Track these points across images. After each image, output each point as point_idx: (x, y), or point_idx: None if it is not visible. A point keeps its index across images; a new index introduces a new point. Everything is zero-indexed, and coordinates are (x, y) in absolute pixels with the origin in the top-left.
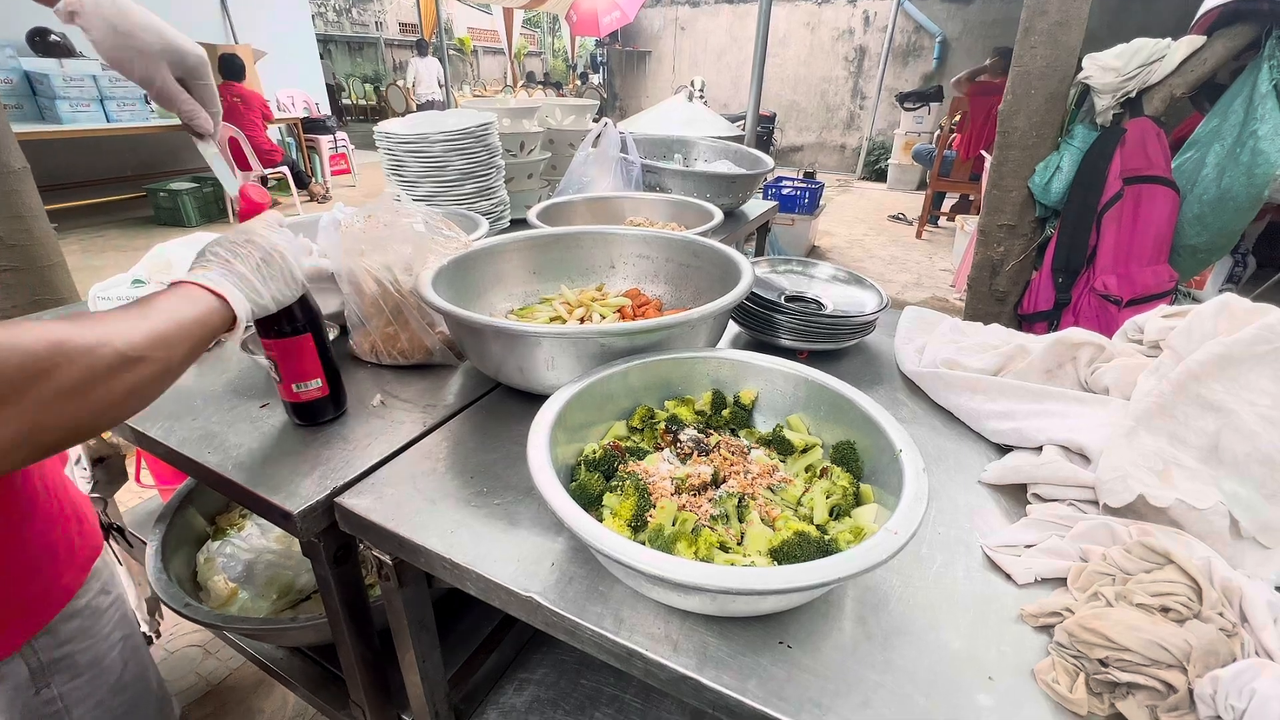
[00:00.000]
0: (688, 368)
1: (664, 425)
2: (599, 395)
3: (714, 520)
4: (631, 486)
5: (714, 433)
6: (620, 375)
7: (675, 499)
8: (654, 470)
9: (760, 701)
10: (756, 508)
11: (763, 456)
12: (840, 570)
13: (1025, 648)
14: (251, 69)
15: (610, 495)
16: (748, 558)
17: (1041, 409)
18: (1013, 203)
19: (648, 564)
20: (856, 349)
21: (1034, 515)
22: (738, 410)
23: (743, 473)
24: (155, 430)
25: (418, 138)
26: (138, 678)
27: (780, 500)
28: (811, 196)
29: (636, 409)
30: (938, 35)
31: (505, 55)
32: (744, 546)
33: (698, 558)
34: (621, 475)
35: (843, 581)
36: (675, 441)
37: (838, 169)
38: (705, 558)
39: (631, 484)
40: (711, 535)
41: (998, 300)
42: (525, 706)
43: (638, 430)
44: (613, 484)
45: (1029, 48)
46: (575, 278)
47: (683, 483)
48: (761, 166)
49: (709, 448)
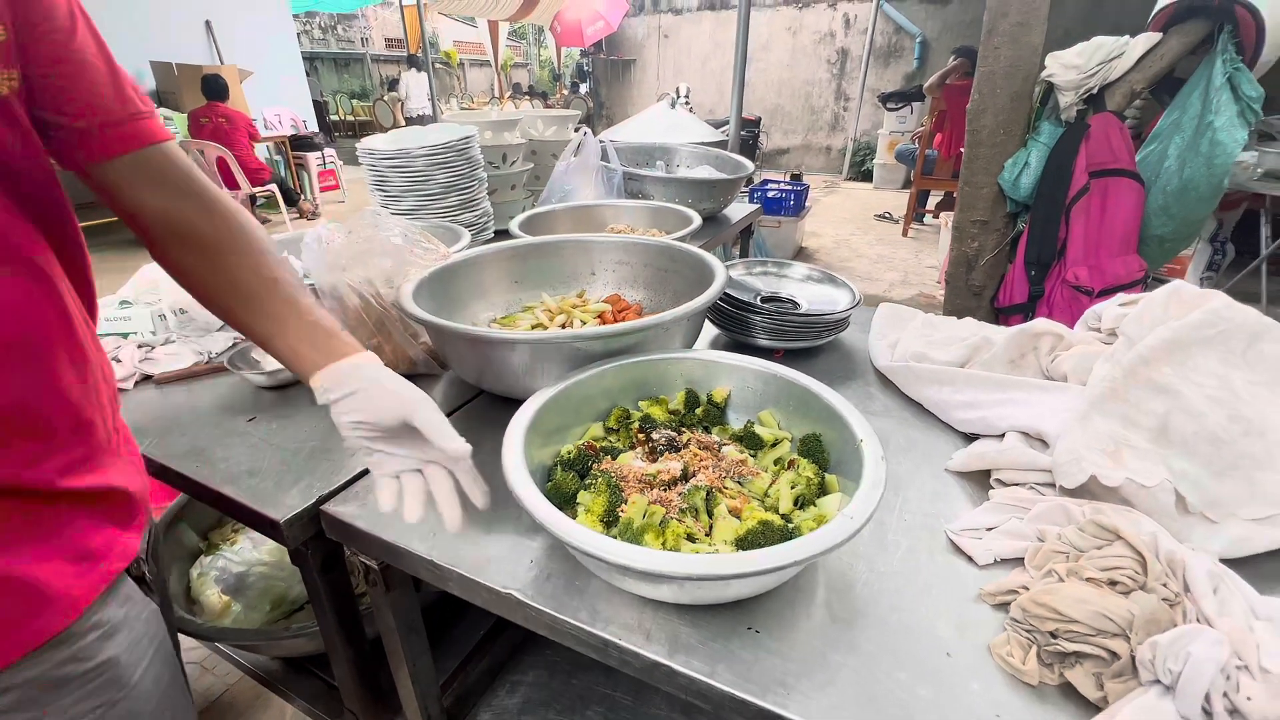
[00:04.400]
0: (661, 369)
1: (638, 425)
2: (575, 399)
3: (682, 513)
4: (604, 484)
5: (686, 430)
6: (595, 378)
7: (646, 494)
8: (626, 468)
9: (729, 684)
10: (724, 500)
11: (734, 451)
12: (796, 554)
13: (983, 625)
14: (237, 88)
15: (584, 493)
16: (713, 546)
17: (1005, 398)
18: (984, 199)
19: (614, 554)
20: (831, 346)
21: (995, 499)
22: (710, 408)
23: (711, 467)
24: (145, 447)
25: (400, 153)
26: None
27: (747, 492)
28: (797, 198)
29: (613, 410)
30: (917, 36)
31: (492, 68)
32: (711, 537)
33: (666, 548)
34: (595, 474)
35: (799, 565)
36: (648, 440)
37: (824, 170)
38: (673, 548)
39: (604, 481)
40: (679, 527)
41: (974, 294)
42: (518, 708)
43: (614, 431)
44: (587, 482)
45: (992, 48)
46: (556, 286)
47: (654, 479)
48: (742, 170)
49: (680, 445)
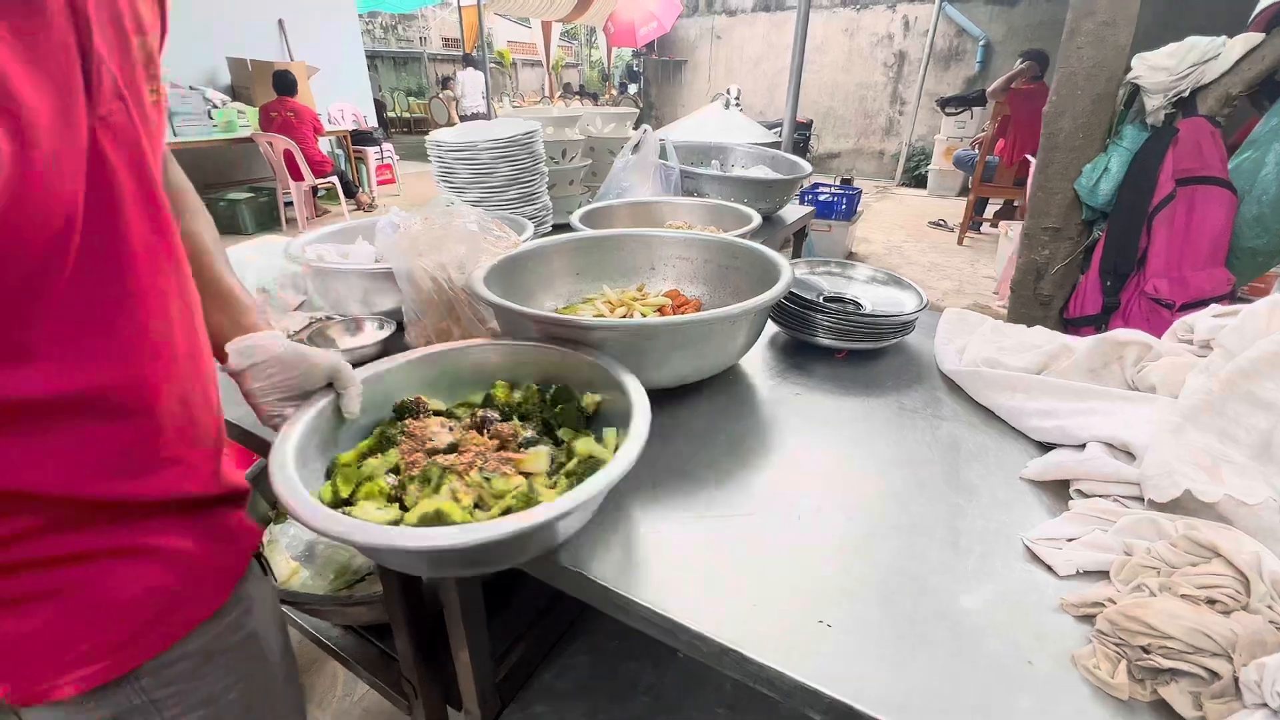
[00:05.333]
0: (575, 362)
1: (482, 399)
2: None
3: (412, 479)
4: (386, 433)
5: (514, 418)
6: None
7: (408, 452)
8: (423, 426)
9: (801, 674)
10: (450, 484)
11: (539, 451)
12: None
13: (1065, 635)
14: (304, 84)
15: (375, 457)
16: (385, 511)
17: (1085, 407)
18: (1058, 205)
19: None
20: (895, 349)
21: (1076, 510)
22: (568, 408)
23: (475, 452)
24: (235, 415)
25: (466, 145)
26: (266, 713)
27: (481, 484)
28: (849, 202)
29: (498, 384)
30: (981, 39)
31: (543, 67)
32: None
33: (365, 504)
34: (402, 427)
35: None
36: (473, 415)
37: (876, 175)
38: (369, 502)
39: (398, 431)
40: (383, 485)
41: (1042, 304)
42: (565, 691)
43: (482, 406)
44: (393, 434)
45: (1075, 49)
46: (616, 279)
47: (426, 443)
48: (799, 172)
49: (488, 426)
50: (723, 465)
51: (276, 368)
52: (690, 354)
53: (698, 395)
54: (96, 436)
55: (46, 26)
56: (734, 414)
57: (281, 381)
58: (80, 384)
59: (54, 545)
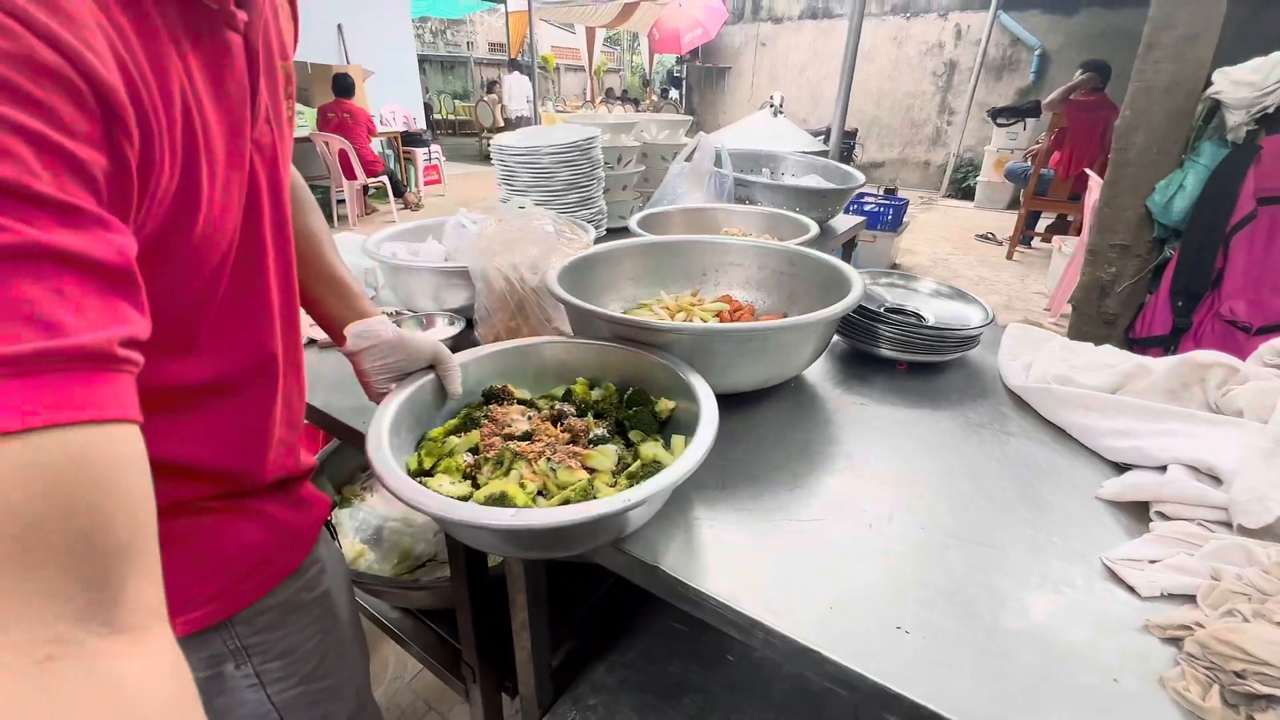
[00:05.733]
0: (651, 365)
1: (561, 394)
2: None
3: (487, 460)
4: (471, 415)
5: (588, 415)
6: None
7: (488, 435)
8: (504, 413)
9: (881, 676)
10: (520, 469)
11: (607, 450)
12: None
13: (1151, 656)
14: (360, 87)
15: (458, 436)
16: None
17: (1165, 428)
18: (1127, 222)
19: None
20: (958, 363)
21: (1158, 532)
22: (642, 411)
23: (546, 442)
24: (318, 401)
25: (529, 150)
26: (338, 669)
27: (547, 473)
28: (895, 213)
29: (579, 381)
30: (1036, 48)
31: (584, 72)
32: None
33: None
34: (486, 411)
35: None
36: (551, 408)
37: (921, 186)
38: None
39: (481, 414)
40: (460, 463)
41: (1106, 323)
42: (616, 686)
43: (561, 399)
44: (477, 416)
45: (1152, 62)
46: (670, 284)
47: (507, 429)
48: (852, 181)
49: (562, 419)
50: (791, 469)
51: (386, 350)
52: (763, 360)
53: (763, 401)
54: (232, 415)
55: (231, 66)
56: (798, 421)
57: (391, 364)
58: (225, 370)
59: (173, 501)
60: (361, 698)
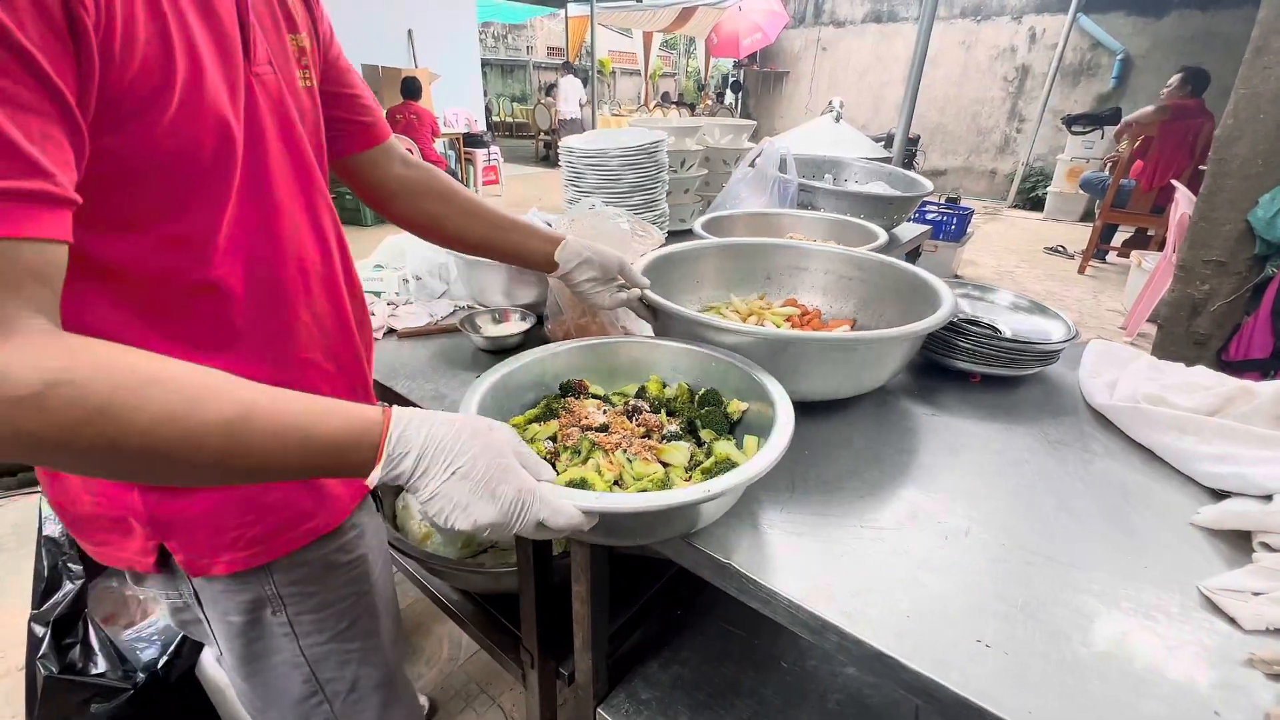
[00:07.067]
0: (724, 366)
1: (635, 392)
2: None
3: (566, 448)
4: (551, 406)
5: (662, 411)
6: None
7: (566, 425)
8: (581, 407)
9: (961, 687)
10: (597, 457)
11: (681, 446)
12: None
13: (1254, 691)
14: (426, 89)
15: (539, 424)
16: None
17: (1272, 455)
18: (1224, 237)
19: None
20: (1036, 379)
21: (1263, 563)
22: (714, 412)
23: (621, 435)
24: (400, 386)
25: (597, 152)
26: (369, 634)
27: (624, 464)
28: (959, 223)
29: (652, 379)
30: (1119, 53)
31: (640, 76)
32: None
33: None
34: (564, 403)
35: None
36: (626, 403)
37: (985, 195)
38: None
39: (558, 405)
40: (541, 448)
41: (1197, 343)
42: (670, 682)
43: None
44: (556, 407)
45: (1261, 68)
46: (744, 286)
47: (583, 420)
48: (919, 189)
49: (636, 414)
50: (862, 476)
51: (587, 266)
52: (846, 370)
53: (831, 406)
54: (246, 315)
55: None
56: (867, 427)
57: (594, 277)
58: (232, 272)
59: None
60: (390, 669)
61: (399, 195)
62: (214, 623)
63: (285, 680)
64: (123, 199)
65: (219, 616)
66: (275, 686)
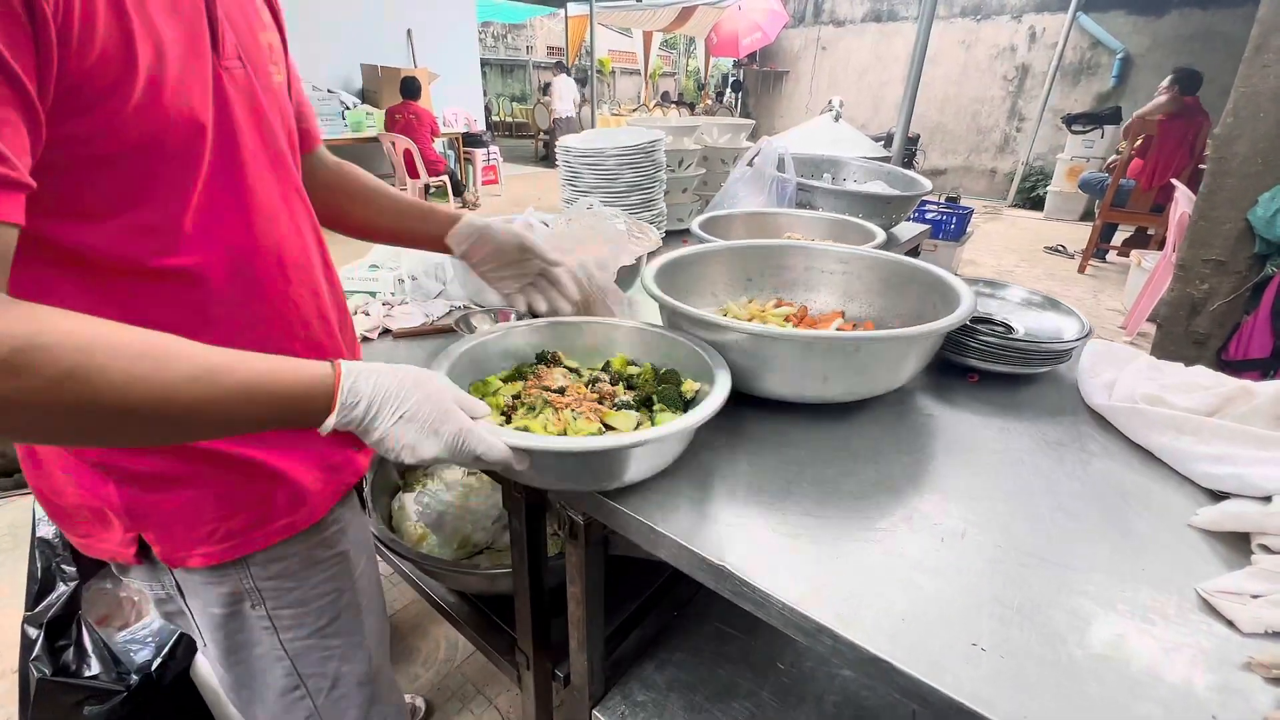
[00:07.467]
0: (686, 351)
1: (602, 365)
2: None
3: (521, 404)
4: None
5: (620, 384)
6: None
7: (531, 386)
8: (548, 372)
9: (954, 690)
10: (549, 414)
11: (629, 414)
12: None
13: (1253, 694)
14: (426, 89)
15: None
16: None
17: (1271, 456)
18: (1224, 236)
19: None
20: (1044, 377)
21: (1262, 565)
22: (669, 390)
23: (574, 397)
24: None
25: (594, 151)
26: (351, 631)
27: (569, 421)
28: (959, 222)
29: (618, 355)
30: (1119, 52)
31: (640, 75)
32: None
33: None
34: (535, 369)
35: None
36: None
37: (985, 195)
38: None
39: (528, 370)
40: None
41: (1196, 343)
42: (665, 684)
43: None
44: (526, 371)
45: (1260, 66)
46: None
47: (544, 382)
48: (917, 188)
49: (595, 383)
50: (858, 477)
51: (487, 248)
52: (861, 370)
53: (834, 409)
54: (219, 302)
55: None
56: (863, 427)
57: (490, 253)
58: (205, 260)
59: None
60: (375, 666)
61: (314, 193)
62: (196, 615)
63: (267, 673)
64: (88, 186)
65: (201, 609)
66: (258, 679)
